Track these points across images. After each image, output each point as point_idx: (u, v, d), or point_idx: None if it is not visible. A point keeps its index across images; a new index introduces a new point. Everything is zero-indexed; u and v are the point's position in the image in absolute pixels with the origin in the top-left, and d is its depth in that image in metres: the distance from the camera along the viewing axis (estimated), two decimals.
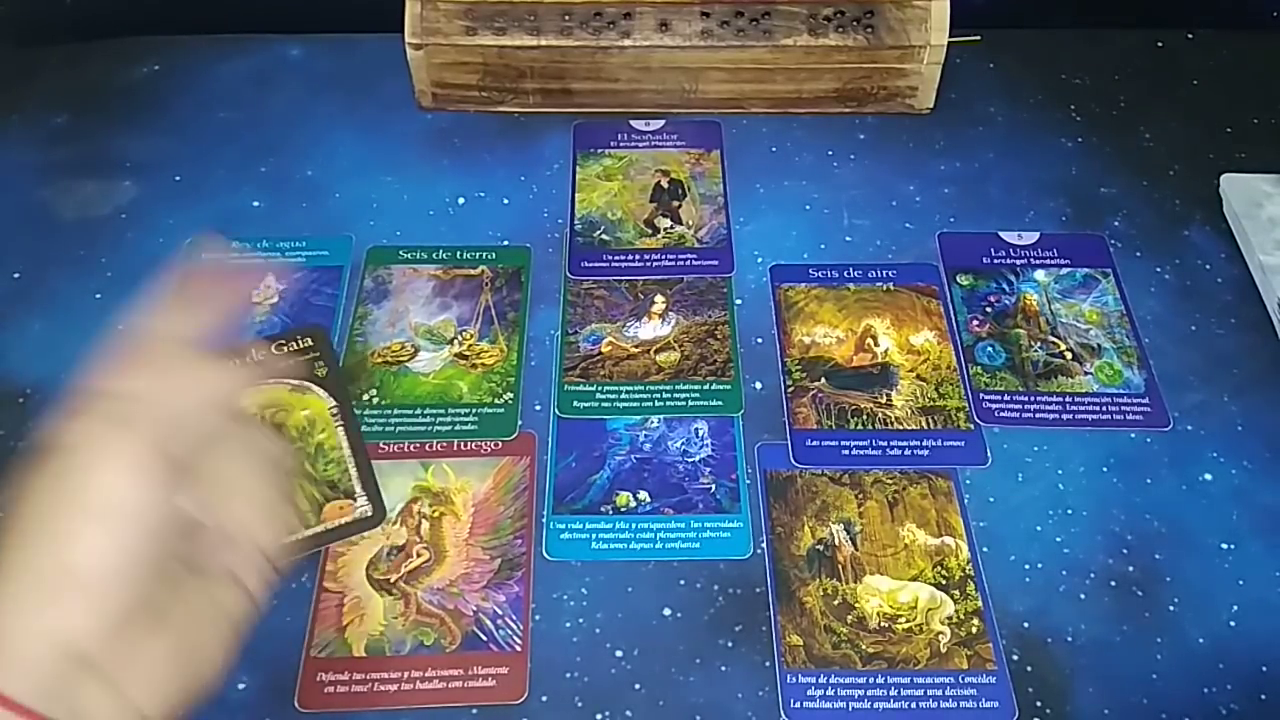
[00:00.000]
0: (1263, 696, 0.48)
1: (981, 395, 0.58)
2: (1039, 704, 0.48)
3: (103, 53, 0.77)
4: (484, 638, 0.49)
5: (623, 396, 0.58)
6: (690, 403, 0.58)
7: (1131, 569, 0.52)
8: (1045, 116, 0.73)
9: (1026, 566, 0.52)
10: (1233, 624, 0.50)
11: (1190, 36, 0.79)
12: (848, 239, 0.66)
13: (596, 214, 0.67)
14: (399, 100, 0.73)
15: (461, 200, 0.68)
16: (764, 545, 0.52)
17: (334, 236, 0.66)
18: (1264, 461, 0.56)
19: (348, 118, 0.73)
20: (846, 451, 0.56)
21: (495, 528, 0.53)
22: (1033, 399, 0.58)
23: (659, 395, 0.58)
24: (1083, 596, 0.51)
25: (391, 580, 0.51)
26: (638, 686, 0.48)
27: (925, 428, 0.57)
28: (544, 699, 0.48)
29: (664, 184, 0.69)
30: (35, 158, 0.70)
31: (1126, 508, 0.54)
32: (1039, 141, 0.72)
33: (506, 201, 0.68)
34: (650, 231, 0.66)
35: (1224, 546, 0.53)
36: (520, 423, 0.57)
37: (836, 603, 0.50)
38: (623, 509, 0.54)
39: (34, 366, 0.59)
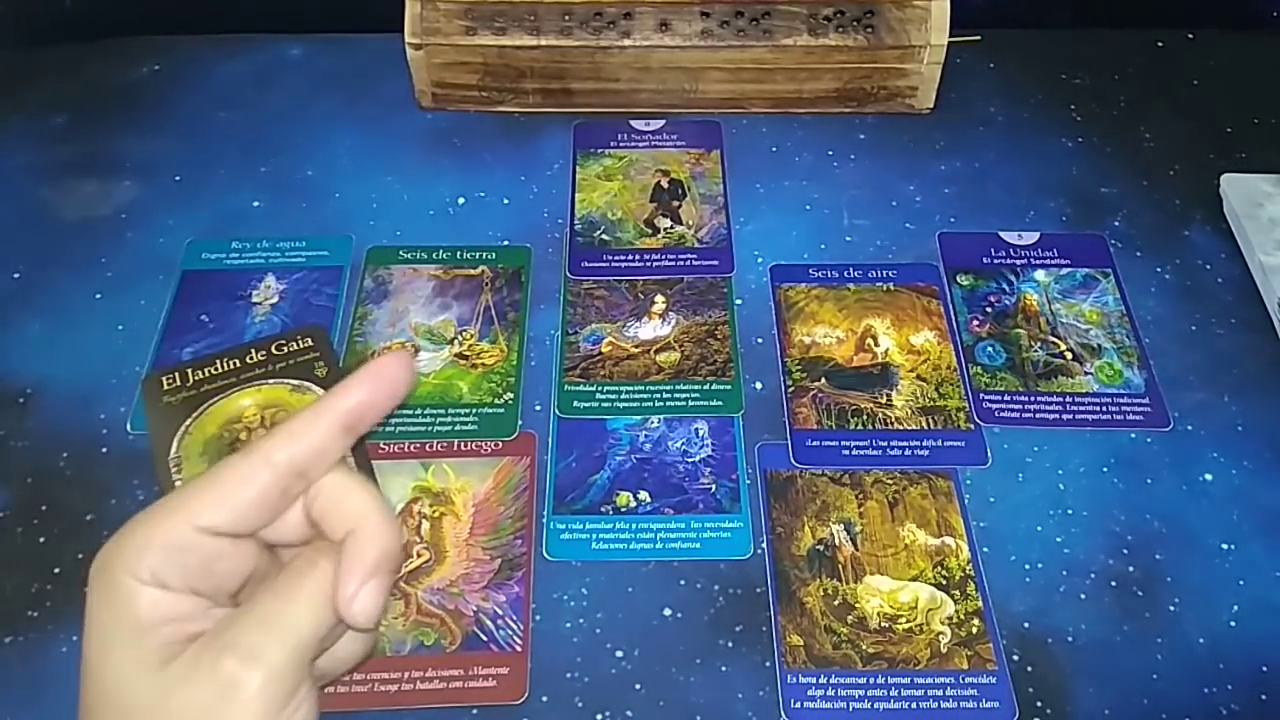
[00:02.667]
0: (1263, 696, 0.48)
1: (982, 395, 0.58)
2: (1039, 704, 0.48)
3: (103, 53, 0.77)
4: (484, 638, 0.49)
5: (623, 396, 0.58)
6: (690, 403, 0.58)
7: (1132, 569, 0.52)
8: (1045, 116, 0.74)
9: (1027, 566, 0.52)
10: (1233, 624, 0.50)
11: (1190, 36, 0.79)
12: (848, 239, 0.66)
13: (596, 214, 0.67)
14: (399, 100, 0.73)
15: (461, 200, 0.68)
16: (764, 545, 0.52)
17: (334, 236, 0.66)
18: (1264, 461, 0.56)
19: (348, 118, 0.73)
20: (847, 451, 0.56)
21: (495, 528, 0.53)
22: (1033, 399, 0.58)
23: (659, 395, 0.58)
24: (1083, 596, 0.51)
25: None
26: (638, 686, 0.48)
27: (925, 428, 0.57)
28: (544, 699, 0.48)
29: (664, 184, 0.69)
30: (35, 158, 0.70)
31: (1127, 508, 0.54)
32: (1039, 141, 0.72)
33: (506, 201, 0.68)
34: (650, 231, 0.66)
35: (1224, 547, 0.53)
36: (520, 423, 0.57)
37: (837, 603, 0.50)
38: (623, 509, 0.54)
39: (34, 366, 0.59)
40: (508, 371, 0.59)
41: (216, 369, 0.58)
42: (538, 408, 0.58)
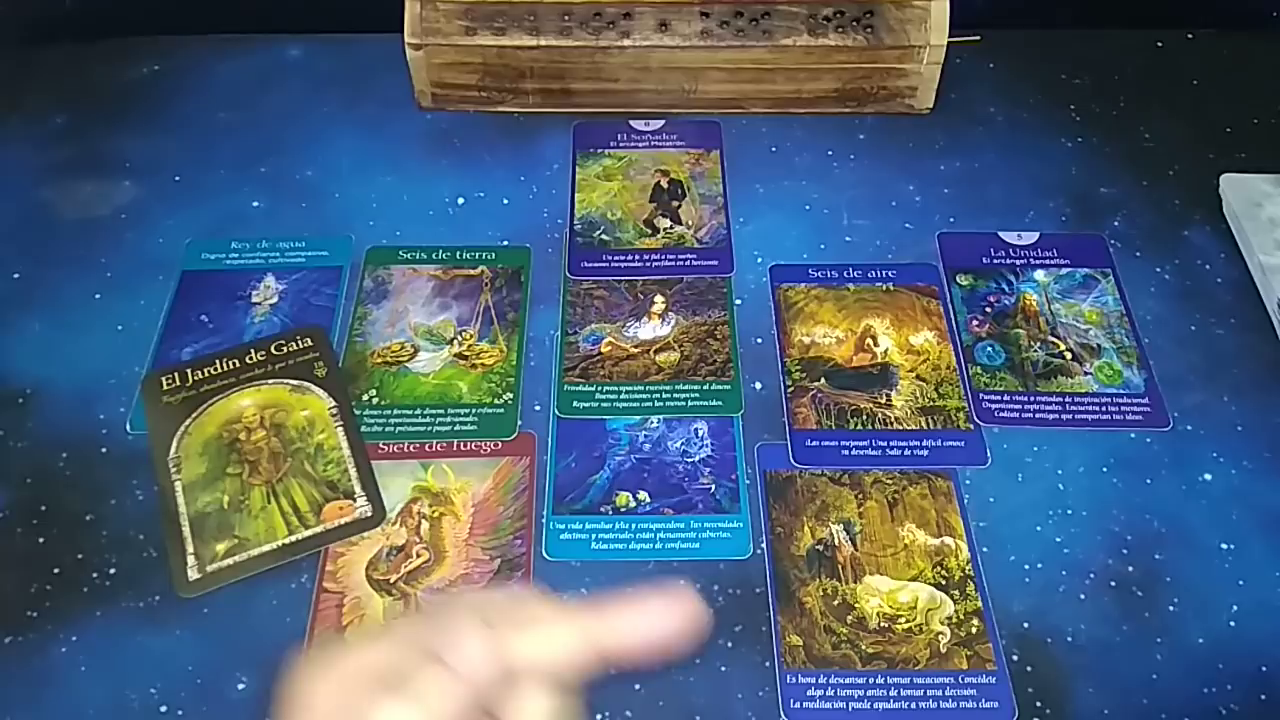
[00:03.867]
0: (1263, 696, 0.48)
1: (981, 395, 0.58)
2: (1039, 704, 0.48)
3: (103, 53, 0.77)
4: None
5: (622, 396, 0.58)
6: (690, 403, 0.58)
7: (1131, 569, 0.52)
8: (1045, 116, 0.73)
9: (1026, 567, 0.52)
10: (1233, 624, 0.50)
11: (1190, 36, 0.79)
12: (847, 239, 0.66)
13: (596, 214, 0.67)
14: (399, 100, 0.73)
15: (461, 200, 0.68)
16: (764, 545, 0.52)
17: (334, 236, 0.66)
18: (1264, 461, 0.56)
19: (347, 118, 0.73)
20: (846, 452, 0.56)
21: (495, 528, 0.53)
22: (1032, 399, 0.58)
23: (659, 395, 0.58)
24: (1083, 597, 0.51)
25: (391, 580, 0.51)
26: (638, 687, 0.48)
27: (925, 428, 0.57)
28: None
29: (664, 184, 0.69)
30: (35, 158, 0.70)
31: (1126, 508, 0.54)
32: (1039, 141, 0.72)
33: (506, 201, 0.68)
34: (650, 231, 0.66)
35: (1224, 547, 0.53)
36: (520, 423, 0.57)
37: (836, 603, 0.50)
38: (622, 509, 0.54)
39: (34, 366, 0.59)
40: (507, 371, 0.59)
41: (216, 369, 0.58)
42: (537, 408, 0.58)
